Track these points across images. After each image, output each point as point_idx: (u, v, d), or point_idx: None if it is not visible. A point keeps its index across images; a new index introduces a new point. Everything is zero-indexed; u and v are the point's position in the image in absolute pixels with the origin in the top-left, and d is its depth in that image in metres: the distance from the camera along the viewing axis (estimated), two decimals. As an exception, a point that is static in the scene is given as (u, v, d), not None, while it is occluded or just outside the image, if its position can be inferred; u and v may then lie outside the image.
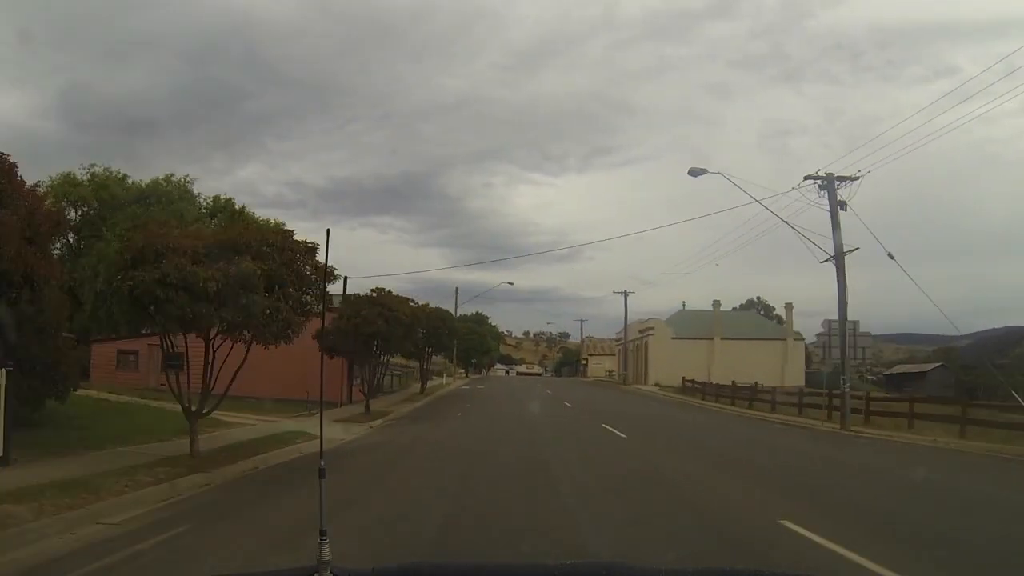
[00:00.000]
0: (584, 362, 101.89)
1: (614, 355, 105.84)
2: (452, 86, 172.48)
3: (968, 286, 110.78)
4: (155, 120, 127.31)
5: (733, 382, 43.18)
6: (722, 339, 65.30)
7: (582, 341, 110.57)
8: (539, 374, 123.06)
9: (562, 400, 37.56)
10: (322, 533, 1.93)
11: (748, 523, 8.02)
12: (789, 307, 68.93)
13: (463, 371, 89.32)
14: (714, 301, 66.59)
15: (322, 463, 2.26)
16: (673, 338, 64.11)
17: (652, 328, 64.02)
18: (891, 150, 69.66)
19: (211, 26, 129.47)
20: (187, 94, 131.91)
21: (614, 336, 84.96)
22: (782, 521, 7.57)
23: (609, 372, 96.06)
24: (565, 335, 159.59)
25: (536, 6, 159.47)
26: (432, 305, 37.87)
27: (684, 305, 70.21)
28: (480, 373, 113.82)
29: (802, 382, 63.73)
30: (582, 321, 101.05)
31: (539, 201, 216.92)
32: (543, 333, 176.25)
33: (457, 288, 61.61)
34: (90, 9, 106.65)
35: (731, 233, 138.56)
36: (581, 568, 2.81)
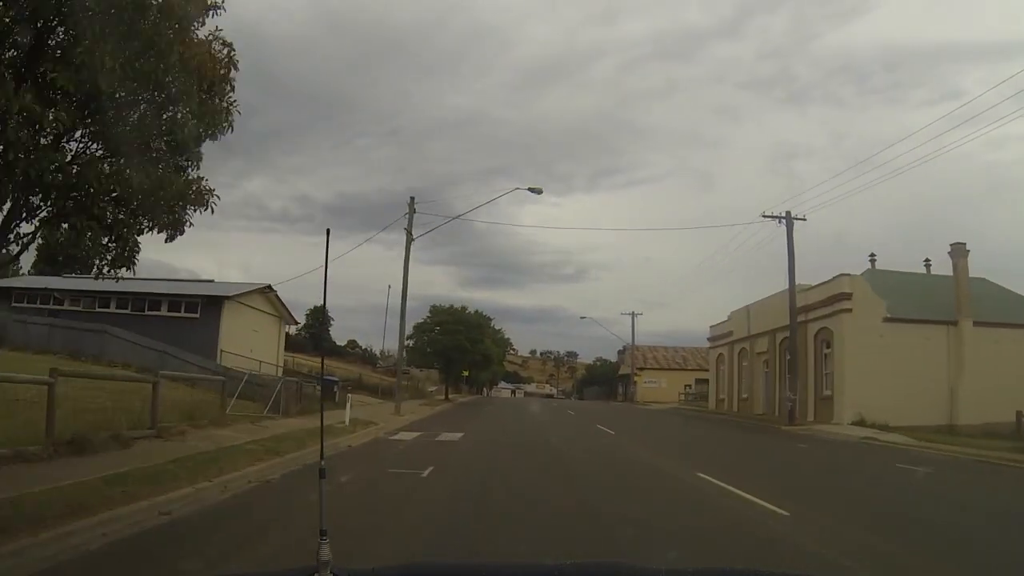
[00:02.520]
0: (634, 379, 67.00)
1: (682, 367, 71.14)
2: (459, 104, 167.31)
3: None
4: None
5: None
6: (974, 324, 30.91)
7: (625, 348, 75.74)
8: (550, 395, 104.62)
9: None
10: (322, 533, 1.88)
11: None
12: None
13: (439, 388, 55.02)
14: (954, 244, 31.99)
15: (322, 463, 2.23)
16: (886, 320, 29.68)
17: (847, 295, 29.46)
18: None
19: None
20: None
21: (707, 338, 50.03)
22: None
23: (685, 391, 61.33)
24: (573, 354, 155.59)
25: (544, 26, 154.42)
26: None
27: (873, 262, 35.53)
28: (482, 393, 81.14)
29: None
30: (634, 314, 66.10)
31: (545, 220, 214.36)
32: (551, 352, 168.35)
33: (413, 198, 27.41)
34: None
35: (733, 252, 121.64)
36: (582, 568, 2.70)
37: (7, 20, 5.06)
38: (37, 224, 6.21)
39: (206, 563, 5.49)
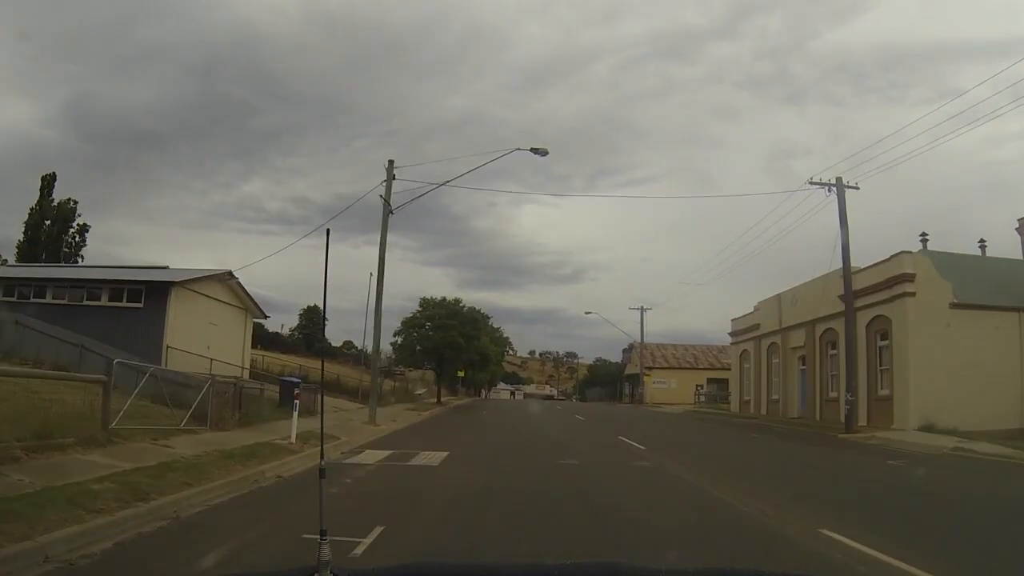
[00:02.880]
0: (643, 378, 62.45)
1: (693, 367, 66.68)
2: (458, 105, 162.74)
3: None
4: (161, 133, 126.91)
5: None
6: (1050, 312, 26.55)
7: (632, 346, 71.29)
8: (551, 396, 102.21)
9: None
10: (322, 533, 1.85)
11: None
12: None
13: (429, 389, 50.67)
14: (1022, 219, 27.58)
15: (322, 463, 2.22)
16: (952, 306, 25.26)
17: (908, 277, 25.04)
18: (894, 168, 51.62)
19: (218, 41, 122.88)
20: (193, 108, 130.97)
21: (728, 332, 45.61)
22: None
23: (698, 391, 57.01)
24: (573, 355, 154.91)
25: (542, 27, 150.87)
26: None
27: (925, 242, 31.02)
28: (480, 395, 77.32)
29: None
30: (643, 308, 61.87)
31: (543, 221, 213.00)
32: (550, 352, 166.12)
33: (392, 161, 22.90)
34: (97, 21, 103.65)
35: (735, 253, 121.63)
36: (582, 568, 2.66)
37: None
38: None
39: None
